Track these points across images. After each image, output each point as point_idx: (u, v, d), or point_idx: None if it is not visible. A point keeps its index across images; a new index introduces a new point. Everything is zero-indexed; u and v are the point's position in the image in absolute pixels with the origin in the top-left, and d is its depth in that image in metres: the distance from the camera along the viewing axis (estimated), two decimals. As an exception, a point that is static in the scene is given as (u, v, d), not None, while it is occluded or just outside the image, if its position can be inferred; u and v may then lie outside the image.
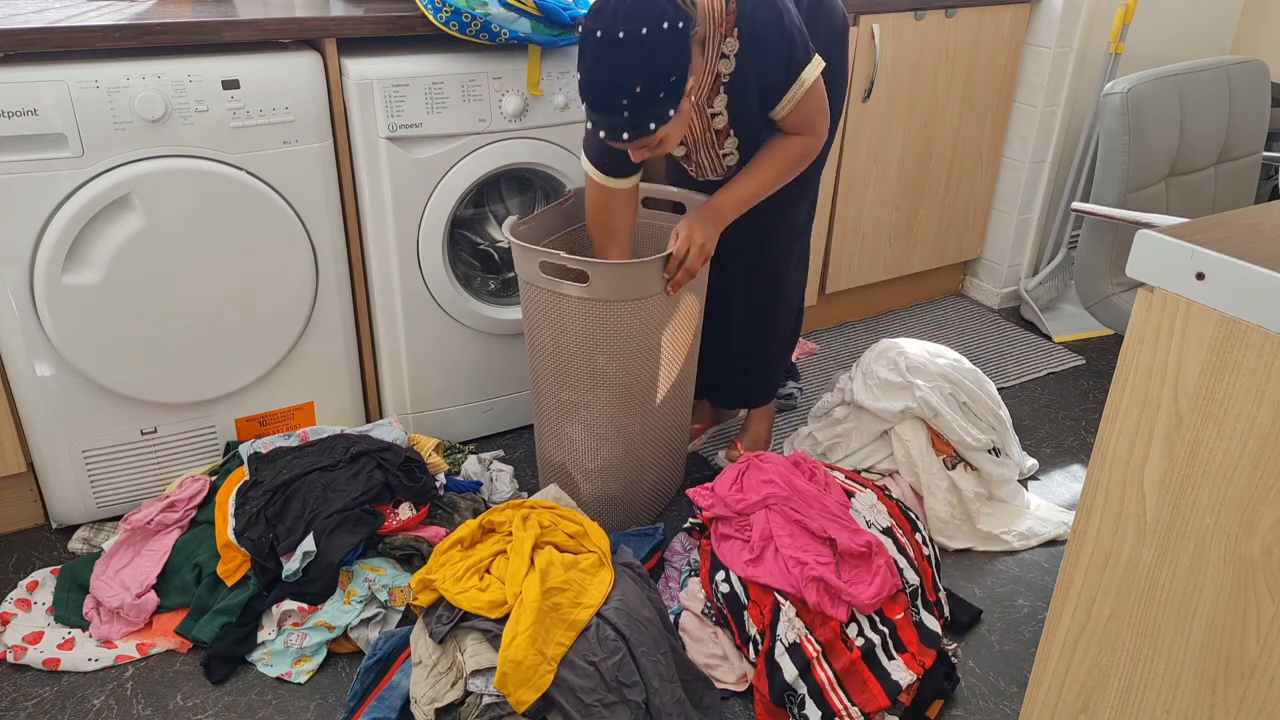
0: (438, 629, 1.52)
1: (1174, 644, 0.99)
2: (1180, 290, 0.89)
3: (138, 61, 1.73)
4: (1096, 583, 1.05)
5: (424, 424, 2.26)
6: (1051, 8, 2.77)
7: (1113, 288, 2.14)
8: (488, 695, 1.46)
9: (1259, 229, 0.92)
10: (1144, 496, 0.97)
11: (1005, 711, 1.68)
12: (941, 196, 2.92)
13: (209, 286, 1.90)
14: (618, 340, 1.80)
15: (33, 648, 1.70)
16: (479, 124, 2.01)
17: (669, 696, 1.52)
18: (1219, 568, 0.93)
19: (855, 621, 1.65)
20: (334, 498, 1.79)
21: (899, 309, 3.13)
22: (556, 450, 1.98)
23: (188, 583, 1.79)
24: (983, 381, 2.16)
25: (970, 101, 2.82)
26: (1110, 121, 2.06)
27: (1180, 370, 0.91)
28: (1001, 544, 2.06)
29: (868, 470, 2.15)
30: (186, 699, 1.65)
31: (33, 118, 1.67)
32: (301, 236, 1.95)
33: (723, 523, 1.79)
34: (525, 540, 1.59)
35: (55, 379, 1.85)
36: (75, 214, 1.74)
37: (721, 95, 1.76)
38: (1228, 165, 2.28)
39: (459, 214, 2.19)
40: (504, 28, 1.93)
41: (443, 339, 2.19)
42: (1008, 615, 1.89)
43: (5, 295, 1.76)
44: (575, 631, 1.50)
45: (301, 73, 1.85)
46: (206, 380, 1.98)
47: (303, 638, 1.71)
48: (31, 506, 2.02)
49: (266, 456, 1.91)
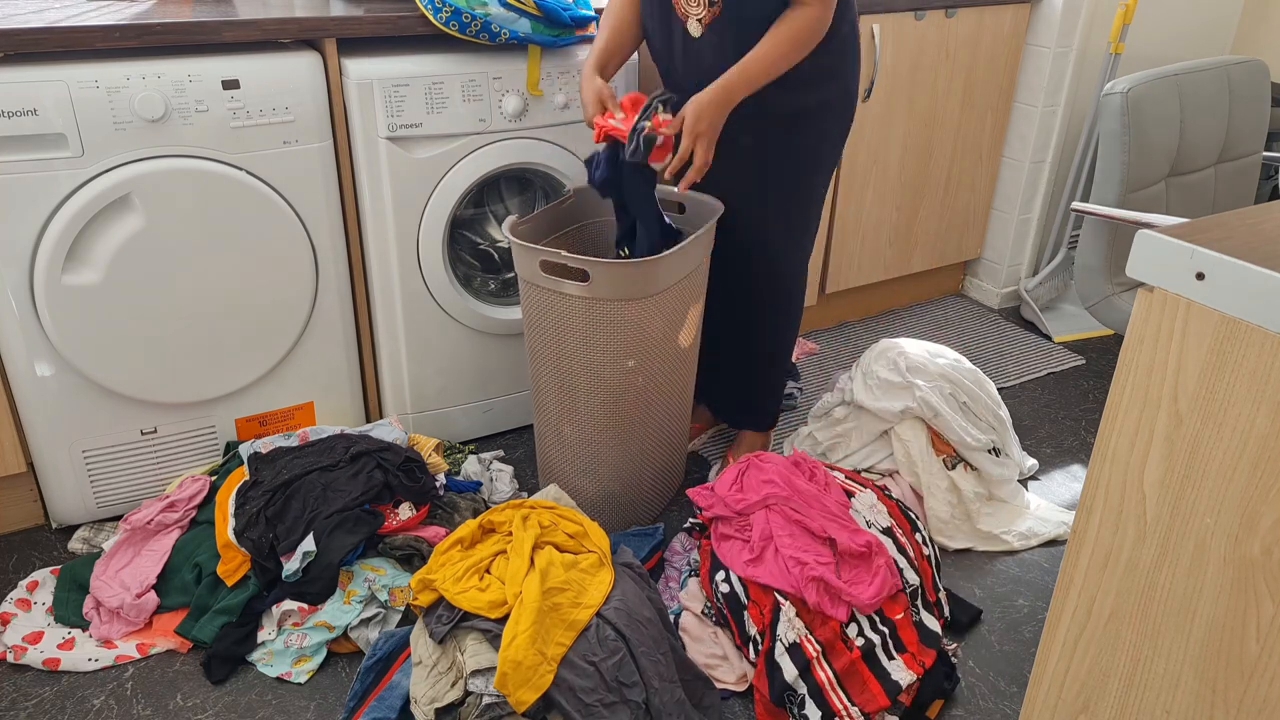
0: (438, 629, 1.52)
1: (1174, 644, 0.99)
2: (1180, 290, 0.89)
3: (138, 61, 1.73)
4: (1096, 583, 1.05)
5: (424, 424, 2.26)
6: (1051, 8, 2.77)
7: (1113, 288, 2.14)
8: (488, 695, 1.46)
9: (1259, 229, 0.92)
10: (1144, 496, 0.98)
11: (1005, 711, 1.68)
12: (941, 196, 2.93)
13: (209, 286, 1.90)
14: (618, 340, 1.80)
15: (33, 648, 1.70)
16: (479, 124, 2.01)
17: (669, 696, 1.52)
18: (1219, 568, 0.93)
19: (855, 621, 1.65)
20: (334, 498, 1.79)
21: (899, 309, 3.13)
22: (556, 450, 1.98)
23: (188, 583, 1.79)
24: (983, 381, 2.16)
25: (970, 101, 2.82)
26: (1110, 121, 2.06)
27: (1180, 370, 0.91)
28: (1001, 544, 2.06)
29: (868, 470, 2.15)
30: (186, 699, 1.65)
31: (33, 118, 1.67)
32: (301, 236, 1.95)
33: (723, 523, 1.79)
34: (525, 540, 1.59)
35: (55, 379, 1.85)
36: (75, 214, 1.74)
37: None
38: (1228, 165, 2.28)
39: (459, 214, 2.19)
40: (504, 28, 1.93)
41: (443, 339, 2.19)
42: (1008, 615, 1.89)
43: (5, 295, 1.77)
44: (575, 631, 1.50)
45: (301, 73, 1.85)
46: (206, 380, 1.98)
47: (303, 638, 1.71)
48: (31, 506, 2.02)
49: (266, 456, 1.91)
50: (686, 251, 1.83)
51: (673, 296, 1.84)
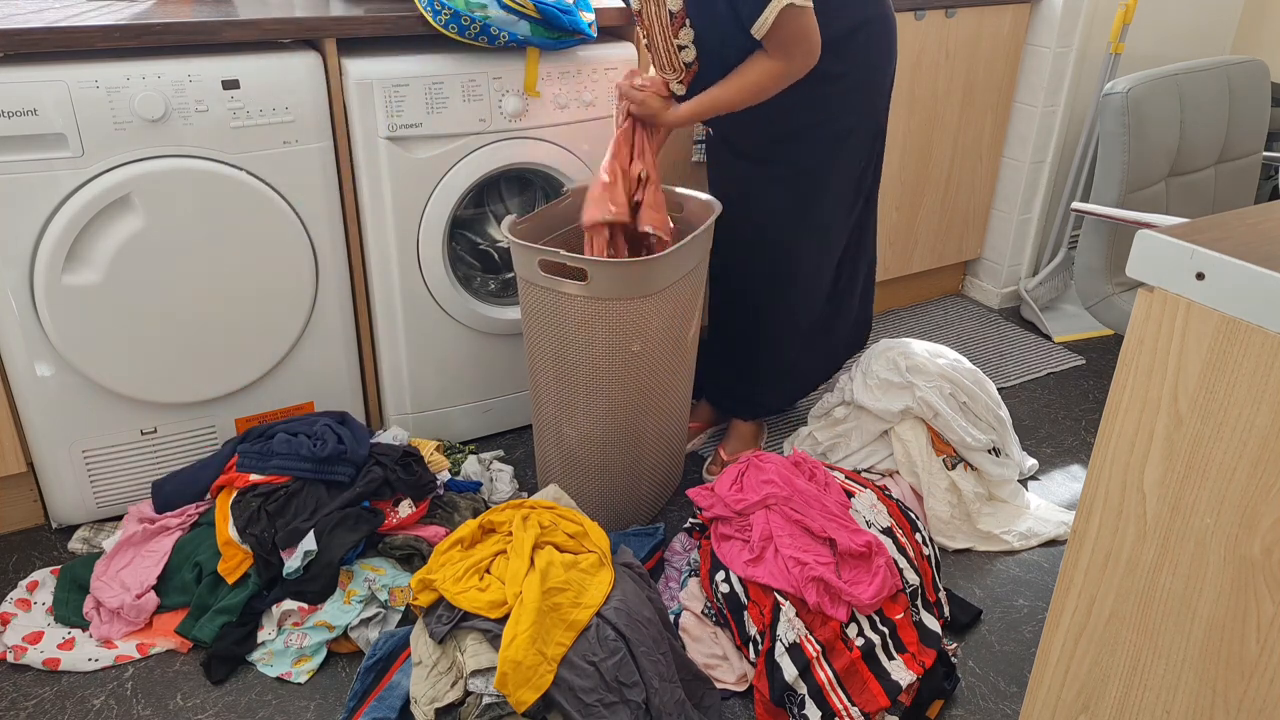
0: (438, 629, 1.52)
1: (1174, 644, 0.99)
2: (1180, 290, 0.89)
3: (138, 61, 1.73)
4: (1096, 583, 1.05)
5: (424, 424, 2.26)
6: (1051, 8, 2.77)
7: (1113, 288, 2.14)
8: (488, 695, 1.46)
9: (1259, 229, 0.92)
10: (1144, 496, 0.97)
11: (1005, 711, 1.68)
12: (941, 196, 2.93)
13: (209, 286, 1.90)
14: (617, 339, 1.80)
15: (33, 648, 1.70)
16: (479, 124, 2.01)
17: (669, 696, 1.52)
18: (1219, 568, 0.93)
19: (855, 621, 1.65)
20: (334, 494, 1.79)
21: (899, 309, 3.13)
22: (556, 450, 1.98)
23: (188, 582, 1.79)
24: (983, 381, 2.16)
25: (970, 101, 2.82)
26: (1110, 121, 2.06)
27: (1180, 370, 0.91)
28: (1001, 544, 2.06)
29: (868, 470, 2.15)
30: (186, 699, 1.65)
31: (33, 118, 1.67)
32: (301, 236, 1.95)
33: (723, 523, 1.79)
34: (525, 540, 1.59)
35: (55, 379, 1.85)
36: (75, 214, 1.74)
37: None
38: (1228, 165, 2.28)
39: (459, 214, 2.19)
40: (503, 30, 1.93)
41: (443, 339, 2.19)
42: (1008, 615, 1.89)
43: (5, 295, 1.76)
44: (575, 631, 1.49)
45: (301, 73, 1.85)
46: (206, 380, 1.98)
47: (303, 637, 1.71)
48: (31, 506, 2.02)
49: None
50: (685, 251, 1.83)
51: (671, 296, 1.84)
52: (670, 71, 1.88)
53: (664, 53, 1.86)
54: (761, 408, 2.28)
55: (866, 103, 1.94)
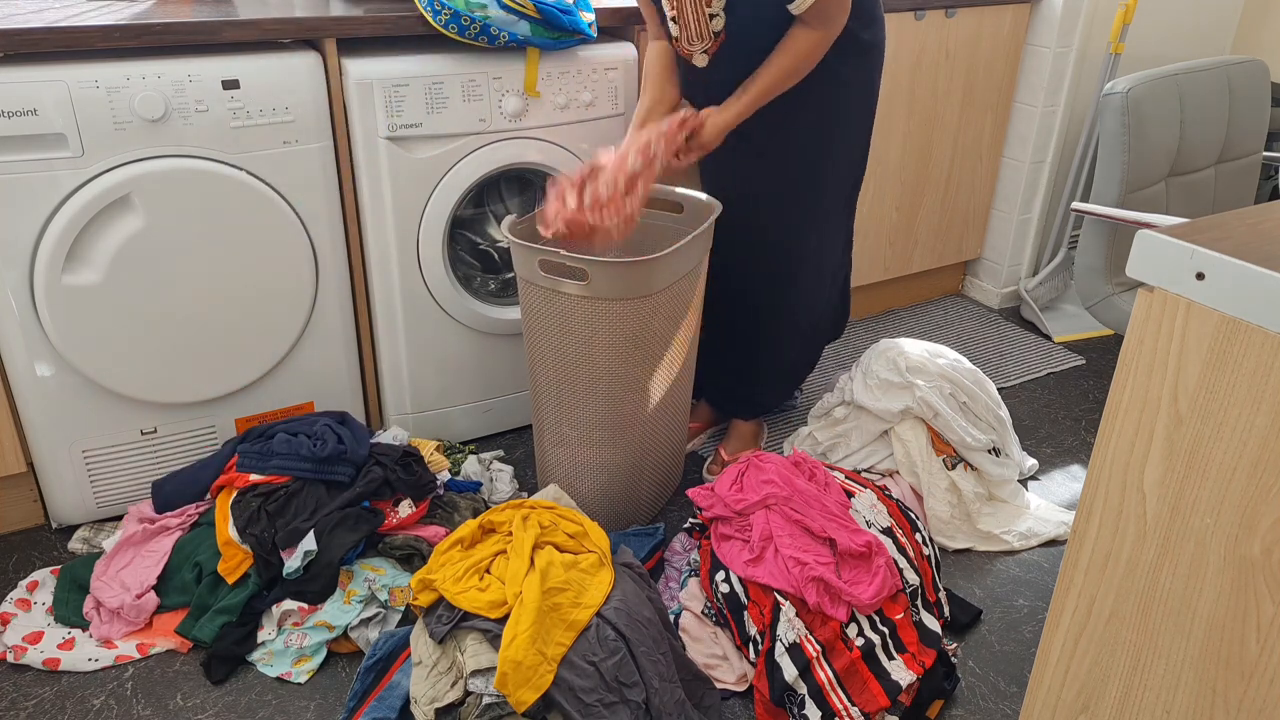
0: (438, 629, 1.52)
1: (1174, 644, 0.99)
2: (1180, 290, 0.89)
3: (138, 61, 1.73)
4: (1096, 583, 1.05)
5: (424, 424, 2.26)
6: (1051, 8, 2.77)
7: (1113, 288, 2.14)
8: (488, 695, 1.46)
9: (1259, 229, 0.92)
10: (1144, 496, 0.97)
11: (1005, 711, 1.68)
12: (941, 196, 2.92)
13: (209, 286, 1.90)
14: (617, 339, 1.80)
15: (33, 648, 1.70)
16: (479, 124, 2.01)
17: (669, 696, 1.52)
18: (1219, 568, 0.93)
19: (855, 621, 1.65)
20: (334, 494, 1.79)
21: (899, 309, 3.13)
22: (556, 450, 1.98)
23: (188, 582, 1.79)
24: (983, 381, 2.16)
25: (970, 101, 2.82)
26: (1110, 121, 2.06)
27: (1180, 370, 0.91)
28: (1001, 544, 2.06)
29: (868, 470, 2.15)
30: (186, 699, 1.65)
31: (33, 118, 1.67)
32: (301, 236, 1.95)
33: (723, 523, 1.79)
34: (525, 540, 1.59)
35: (55, 379, 1.85)
36: (75, 214, 1.74)
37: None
38: (1228, 165, 2.28)
39: (459, 214, 2.19)
40: (503, 30, 1.93)
41: (443, 339, 2.19)
42: (1008, 615, 1.89)
43: (5, 295, 1.77)
44: (575, 631, 1.49)
45: (301, 73, 1.85)
46: (206, 380, 1.98)
47: (303, 637, 1.71)
48: (31, 506, 2.02)
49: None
50: (685, 251, 1.83)
51: (671, 295, 1.84)
52: (699, 41, 1.87)
53: (694, 21, 1.85)
54: (761, 407, 2.29)
55: (864, 112, 1.99)
